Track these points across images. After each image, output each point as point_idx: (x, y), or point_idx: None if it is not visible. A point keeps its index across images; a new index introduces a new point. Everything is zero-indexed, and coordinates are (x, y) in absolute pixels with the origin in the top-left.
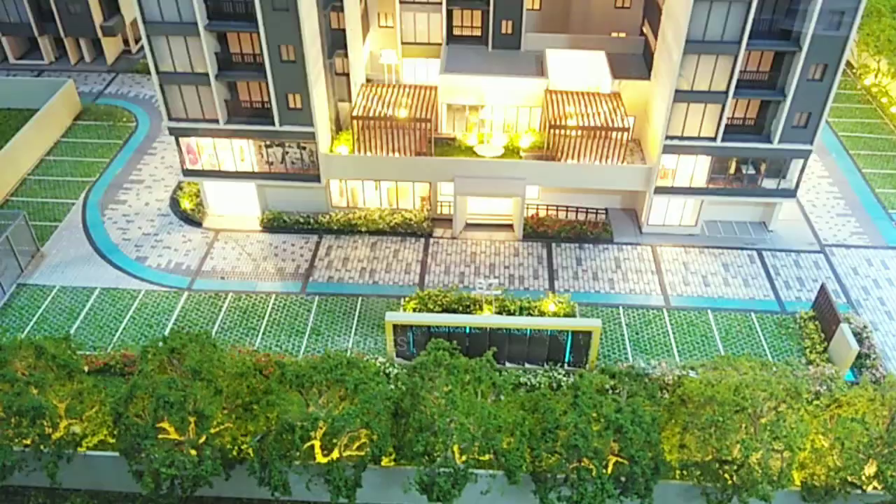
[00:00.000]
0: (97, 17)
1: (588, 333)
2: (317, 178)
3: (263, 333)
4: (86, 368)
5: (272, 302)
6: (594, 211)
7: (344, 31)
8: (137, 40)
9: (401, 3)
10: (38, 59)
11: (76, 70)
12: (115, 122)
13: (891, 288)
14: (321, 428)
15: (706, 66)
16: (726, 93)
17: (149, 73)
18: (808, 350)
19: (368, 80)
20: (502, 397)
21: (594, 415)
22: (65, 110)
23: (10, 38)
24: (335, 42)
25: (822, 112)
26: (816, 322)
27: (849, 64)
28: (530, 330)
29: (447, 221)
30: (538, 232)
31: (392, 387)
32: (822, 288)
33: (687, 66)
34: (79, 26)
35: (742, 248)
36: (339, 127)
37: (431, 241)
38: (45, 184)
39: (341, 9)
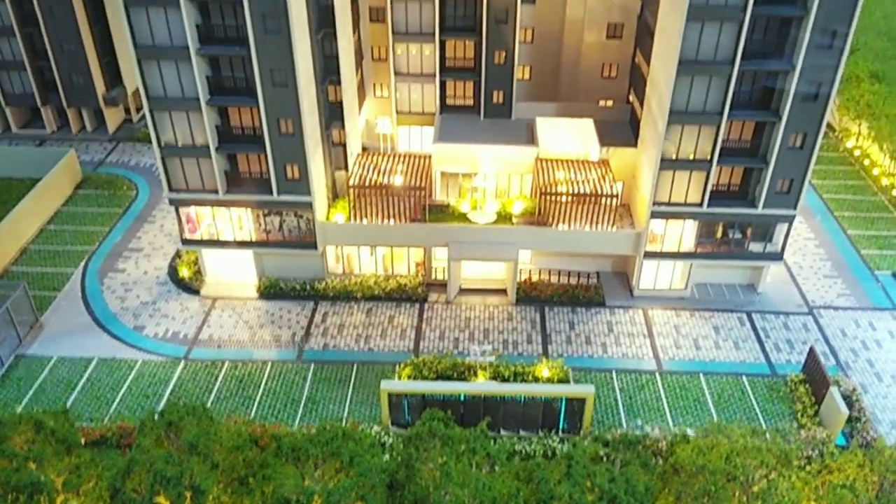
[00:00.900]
0: (100, 88)
1: (582, 400)
2: (313, 246)
3: (259, 402)
4: (83, 440)
5: (268, 370)
6: (586, 274)
7: (341, 103)
8: (139, 109)
9: (396, 74)
10: (41, 128)
11: (78, 139)
12: (115, 191)
13: (879, 349)
14: (316, 502)
15: (690, 136)
16: (710, 161)
17: (149, 141)
18: (799, 413)
19: (364, 149)
20: (497, 467)
21: (588, 484)
22: (66, 179)
23: (14, 109)
24: (332, 114)
25: (804, 178)
26: (807, 385)
27: (830, 127)
28: (524, 397)
29: (442, 286)
30: (531, 296)
31: (387, 457)
32: (811, 351)
33: (671, 136)
34: (81, 97)
35: (732, 311)
36: (335, 195)
37: (426, 306)
38: (45, 253)
39: (338, 82)
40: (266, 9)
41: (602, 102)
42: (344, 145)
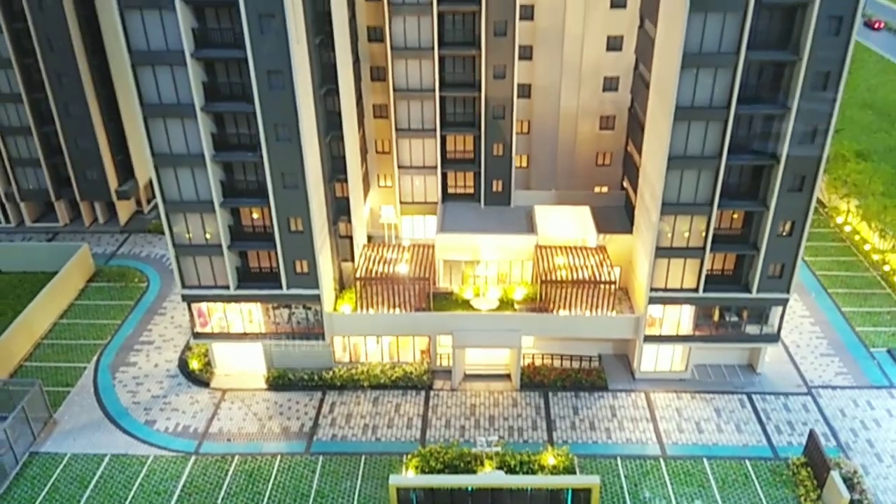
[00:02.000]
0: (112, 183)
1: (587, 490)
2: (321, 337)
3: (269, 498)
4: None
5: (277, 463)
6: (588, 358)
7: (347, 198)
8: (149, 200)
9: (399, 167)
10: (54, 221)
11: (90, 231)
12: (127, 283)
13: (878, 429)
14: None
15: (683, 225)
16: (704, 248)
17: (160, 232)
18: (802, 498)
19: (370, 238)
20: None
21: None
22: (79, 273)
23: (28, 203)
24: (339, 209)
25: (795, 264)
26: (808, 468)
27: (821, 203)
28: (531, 488)
29: (447, 373)
30: (535, 381)
31: None
32: (811, 434)
33: (665, 225)
34: (95, 191)
35: (732, 393)
36: (342, 286)
37: (432, 393)
38: (58, 347)
39: (345, 180)
40: (278, 118)
41: (597, 189)
42: (350, 237)
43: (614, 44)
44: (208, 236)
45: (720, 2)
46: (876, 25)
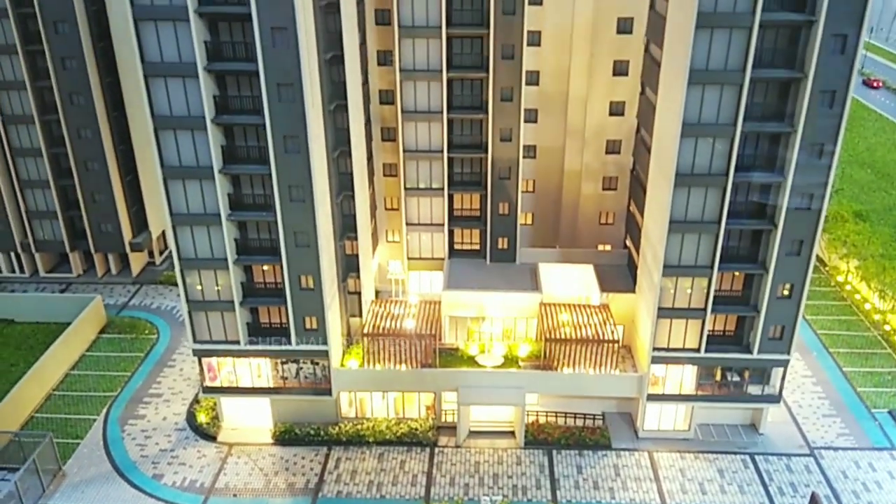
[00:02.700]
0: (127, 235)
1: None
2: (328, 392)
3: None
4: None
5: None
6: (592, 416)
7: (357, 255)
8: (161, 252)
9: (407, 224)
10: (67, 272)
11: (102, 282)
12: (137, 335)
13: (879, 490)
14: None
15: (684, 286)
16: (705, 309)
17: (171, 283)
18: None
19: (378, 293)
20: None
21: None
22: (91, 324)
23: (43, 254)
24: (349, 266)
25: (795, 325)
26: None
27: (821, 261)
28: None
29: (451, 429)
30: (539, 439)
31: None
32: (814, 497)
33: (667, 286)
34: (109, 243)
35: (735, 453)
36: (350, 341)
37: (437, 450)
38: (69, 399)
39: (355, 237)
40: (293, 180)
41: (601, 247)
42: (359, 293)
43: (616, 109)
44: (221, 292)
45: (717, 75)
46: (874, 84)
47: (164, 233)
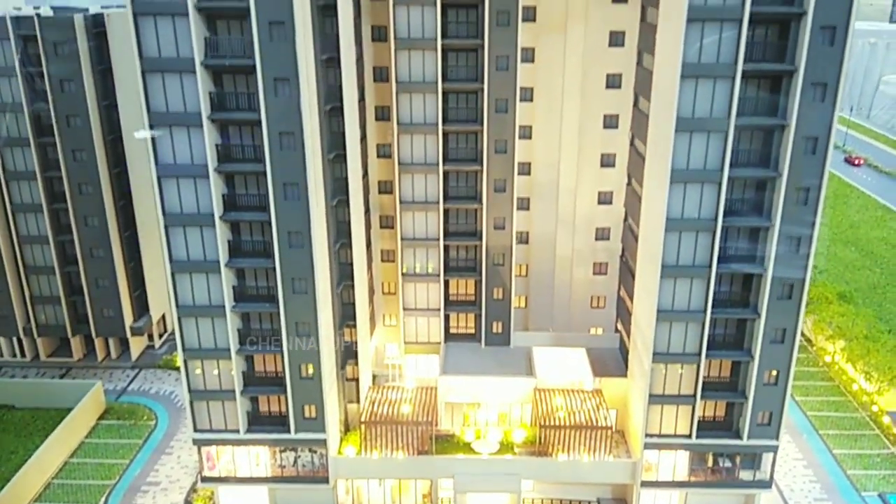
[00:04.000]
0: (128, 319)
1: None
2: (325, 480)
3: None
4: None
5: None
6: (587, 502)
7: (356, 342)
8: (161, 335)
9: (405, 310)
10: (68, 356)
11: (102, 367)
12: (136, 421)
13: None
14: None
15: (673, 373)
16: (694, 395)
17: (170, 368)
18: None
19: (374, 378)
20: None
21: None
22: (91, 411)
23: (44, 339)
24: (347, 353)
25: (782, 411)
26: None
27: (808, 341)
28: None
29: None
30: None
31: None
32: None
33: (657, 373)
34: (110, 327)
35: None
36: (347, 427)
37: None
38: (68, 488)
39: (354, 325)
40: (296, 272)
41: (592, 330)
42: (357, 380)
43: (605, 198)
44: (222, 381)
45: (698, 174)
46: (856, 162)
47: (164, 316)
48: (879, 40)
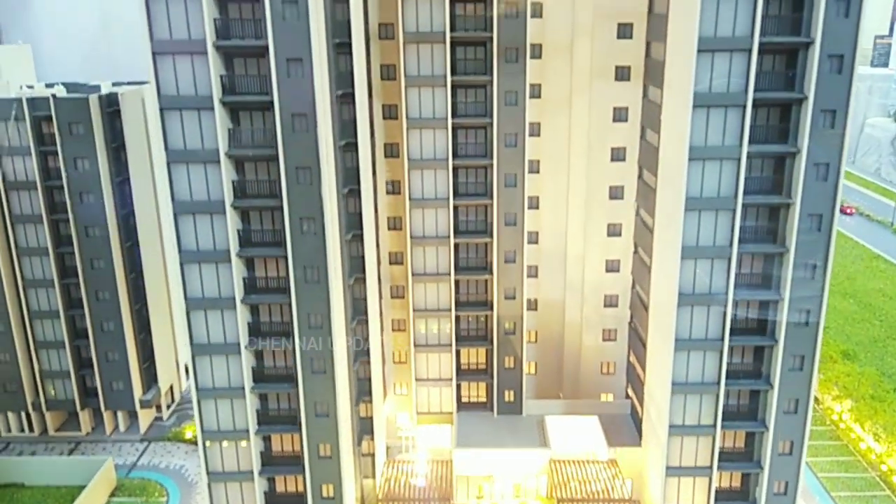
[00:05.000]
0: (137, 392)
1: None
2: None
3: None
4: None
5: None
6: None
7: (371, 418)
8: (169, 406)
9: (417, 380)
10: (76, 429)
11: (111, 440)
12: (147, 498)
13: None
14: None
15: (690, 445)
16: (711, 467)
17: (179, 440)
18: None
19: (388, 449)
20: None
21: None
22: (102, 489)
23: (53, 413)
24: (364, 429)
25: (798, 481)
26: None
27: (816, 401)
28: None
29: None
30: None
31: None
32: None
33: (673, 445)
34: (119, 400)
35: None
36: None
37: None
38: None
39: (370, 400)
40: (314, 353)
41: (603, 396)
42: (372, 454)
43: (612, 266)
44: (240, 462)
45: (708, 249)
46: (848, 211)
47: (172, 387)
48: (862, 84)
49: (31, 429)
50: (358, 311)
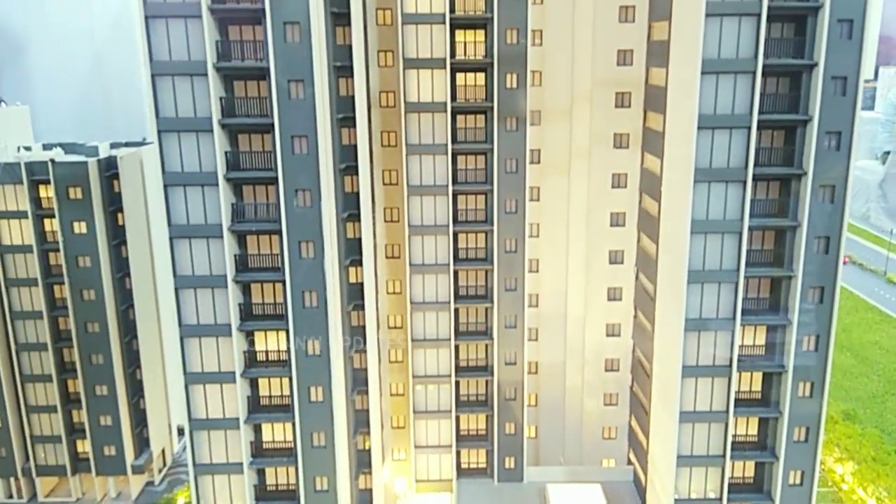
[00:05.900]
0: (129, 457)
1: None
2: None
3: None
4: None
5: None
6: None
7: (370, 490)
8: (160, 470)
9: (416, 447)
10: (66, 496)
11: None
12: None
13: None
14: None
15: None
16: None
17: None
18: None
19: None
20: None
21: None
22: None
23: (43, 478)
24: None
25: None
26: None
27: None
28: None
29: None
30: None
31: None
32: None
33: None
34: (111, 466)
35: None
36: None
37: None
38: None
39: (369, 472)
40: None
41: (605, 461)
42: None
43: (613, 330)
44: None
45: (712, 322)
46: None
47: (164, 450)
48: None
49: (20, 495)
50: (357, 383)
